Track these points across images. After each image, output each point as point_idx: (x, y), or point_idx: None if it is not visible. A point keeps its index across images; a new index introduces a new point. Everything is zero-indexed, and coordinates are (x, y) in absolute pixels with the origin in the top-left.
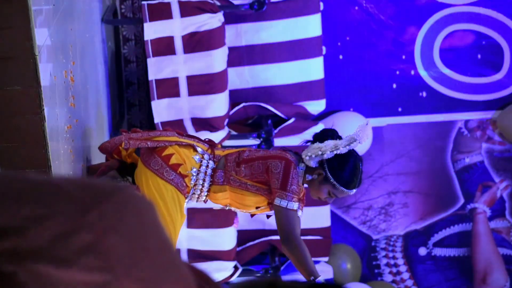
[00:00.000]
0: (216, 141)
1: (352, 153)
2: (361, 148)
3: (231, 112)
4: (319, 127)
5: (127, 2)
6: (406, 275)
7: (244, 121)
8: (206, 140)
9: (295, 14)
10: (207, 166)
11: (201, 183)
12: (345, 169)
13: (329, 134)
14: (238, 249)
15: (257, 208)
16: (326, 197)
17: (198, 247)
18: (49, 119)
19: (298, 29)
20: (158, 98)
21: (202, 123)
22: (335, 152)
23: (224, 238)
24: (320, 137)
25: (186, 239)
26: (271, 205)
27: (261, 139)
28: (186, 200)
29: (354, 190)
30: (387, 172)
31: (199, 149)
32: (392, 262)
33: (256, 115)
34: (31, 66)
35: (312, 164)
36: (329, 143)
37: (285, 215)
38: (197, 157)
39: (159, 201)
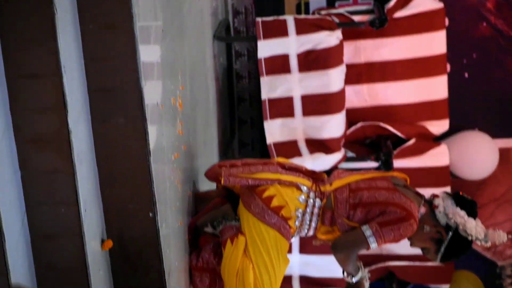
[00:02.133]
0: (331, 164)
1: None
2: (487, 169)
3: (348, 132)
4: (442, 149)
5: (240, 16)
6: None
7: (362, 141)
8: (311, 172)
9: (419, 31)
10: (314, 205)
11: (307, 223)
12: (457, 253)
13: (474, 209)
14: None
15: None
16: (417, 247)
17: (312, 274)
18: (154, 153)
19: (422, 46)
20: (271, 118)
21: (317, 145)
22: (468, 237)
23: None
24: (466, 206)
25: (299, 265)
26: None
27: (380, 162)
28: (291, 241)
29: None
30: None
31: (303, 188)
32: None
33: (375, 135)
34: (137, 97)
35: (442, 222)
36: (473, 226)
37: (357, 242)
38: (301, 198)
39: (261, 248)
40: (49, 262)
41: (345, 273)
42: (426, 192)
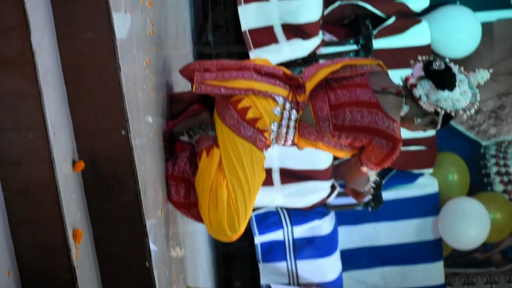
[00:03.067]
0: (310, 50)
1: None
2: (469, 46)
3: (325, 13)
4: (422, 26)
5: None
6: None
7: (340, 21)
8: (288, 77)
9: None
10: (289, 118)
11: (283, 136)
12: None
13: (453, 78)
14: (336, 163)
15: None
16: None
17: (292, 166)
18: (124, 66)
19: None
20: (246, 2)
21: (294, 30)
22: (458, 111)
23: (321, 156)
24: (444, 82)
25: (278, 157)
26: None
27: (360, 45)
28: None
29: None
30: (497, 71)
31: (279, 99)
32: (503, 170)
33: (353, 14)
34: (104, 10)
35: (430, 109)
36: (459, 96)
37: (361, 178)
38: (277, 110)
39: (235, 163)
40: (18, 190)
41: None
42: (407, 73)
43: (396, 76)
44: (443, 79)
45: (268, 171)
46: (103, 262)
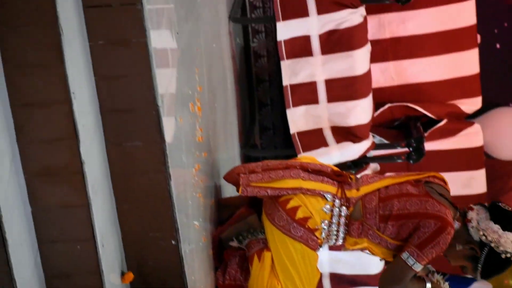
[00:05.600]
0: (360, 153)
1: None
2: None
3: (374, 114)
4: (475, 128)
5: None
6: None
7: (390, 123)
8: (336, 173)
9: (446, 1)
10: (340, 215)
11: (334, 233)
12: (497, 271)
13: (509, 218)
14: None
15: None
16: (455, 265)
17: (342, 271)
18: (174, 173)
19: (450, 18)
20: (294, 105)
21: (343, 133)
22: (508, 256)
23: (372, 260)
24: (501, 219)
25: (329, 262)
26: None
27: (411, 148)
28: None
29: None
30: None
31: (328, 196)
32: None
33: (403, 116)
34: (154, 118)
35: (475, 237)
36: (510, 241)
37: (402, 272)
38: (326, 207)
39: (288, 264)
40: None
41: None
42: (459, 176)
43: (449, 177)
44: (501, 214)
45: None
46: None
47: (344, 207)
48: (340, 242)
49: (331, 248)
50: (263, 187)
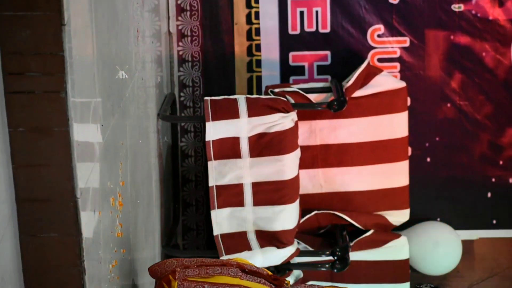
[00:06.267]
0: (284, 259)
1: None
2: (448, 264)
3: (300, 221)
4: (401, 241)
5: (187, 89)
6: None
7: (316, 230)
8: (272, 277)
9: (379, 112)
10: None
11: None
12: None
13: None
14: None
15: None
16: None
17: None
18: (89, 268)
19: (382, 128)
20: (219, 207)
21: (268, 238)
22: None
23: None
24: None
25: None
26: None
27: (336, 257)
28: None
29: None
30: None
31: None
32: None
33: (330, 224)
34: (71, 210)
35: None
36: None
37: None
38: None
39: None
40: None
41: None
42: None
43: None
44: None
45: None
46: None
47: None
48: None
49: None
50: (200, 281)
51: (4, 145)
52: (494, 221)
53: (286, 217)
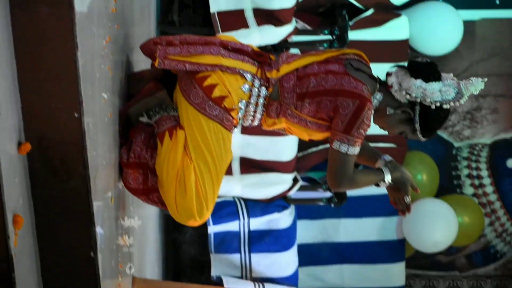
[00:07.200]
0: (281, 37)
1: (450, 108)
2: (449, 44)
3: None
4: (402, 20)
5: None
6: (489, 189)
7: (315, 9)
8: (256, 54)
9: None
10: (259, 95)
11: (251, 114)
12: (435, 125)
13: (432, 72)
14: (299, 155)
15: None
16: (395, 133)
17: (253, 156)
18: (82, 44)
19: None
20: None
21: (265, 16)
22: (438, 105)
23: (284, 147)
24: (421, 72)
25: (240, 145)
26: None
27: (334, 36)
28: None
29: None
30: (476, 72)
31: (247, 76)
32: (474, 173)
33: (329, 3)
34: None
35: (402, 99)
36: (435, 90)
37: (341, 161)
38: (245, 87)
39: (201, 144)
40: None
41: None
42: (382, 67)
43: (373, 69)
44: (420, 68)
45: None
46: (44, 252)
47: (263, 88)
48: (256, 123)
49: (244, 131)
50: (181, 60)
51: None
52: (497, 1)
53: None
